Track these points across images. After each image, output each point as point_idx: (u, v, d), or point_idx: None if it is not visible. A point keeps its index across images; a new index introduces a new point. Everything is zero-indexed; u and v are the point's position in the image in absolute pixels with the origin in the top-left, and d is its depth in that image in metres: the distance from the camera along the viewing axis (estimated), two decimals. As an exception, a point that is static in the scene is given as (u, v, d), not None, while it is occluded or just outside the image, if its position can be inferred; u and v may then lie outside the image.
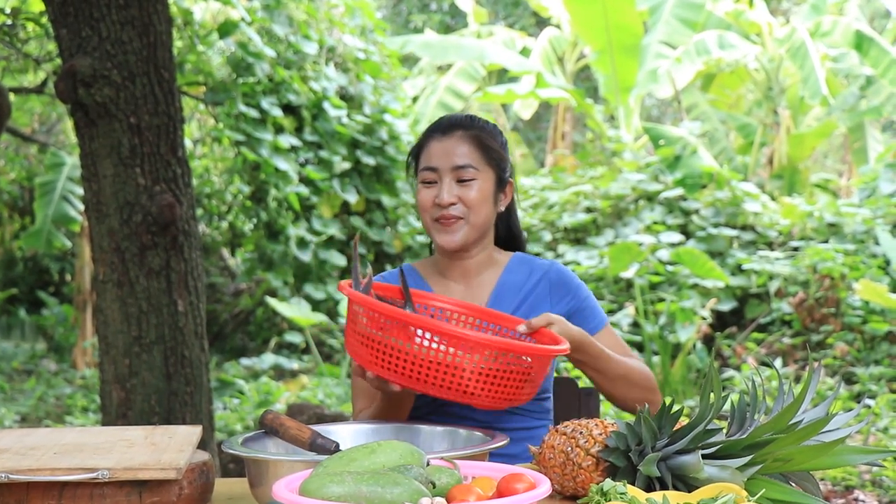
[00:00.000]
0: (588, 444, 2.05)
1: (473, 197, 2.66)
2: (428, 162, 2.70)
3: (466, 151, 2.67)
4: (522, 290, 2.76)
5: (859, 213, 10.58)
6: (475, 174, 2.67)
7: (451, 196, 2.65)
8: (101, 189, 4.76)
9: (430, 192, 2.69)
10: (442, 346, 2.20)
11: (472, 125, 2.73)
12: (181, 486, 2.19)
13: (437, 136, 2.71)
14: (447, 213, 2.66)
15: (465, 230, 2.68)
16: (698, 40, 13.28)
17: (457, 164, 2.66)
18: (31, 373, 11.27)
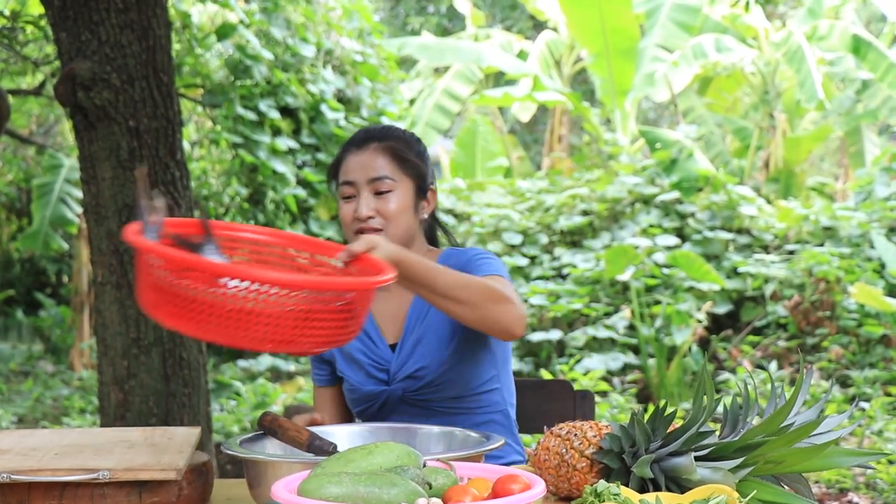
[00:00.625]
0: (582, 445, 2.07)
1: (391, 209, 2.66)
2: (345, 176, 2.70)
3: (382, 163, 2.67)
4: None
5: (855, 217, 10.60)
6: (392, 185, 2.67)
7: (368, 209, 2.65)
8: (100, 192, 4.78)
9: (349, 206, 2.68)
10: (251, 293, 1.95)
11: (387, 136, 2.73)
12: (181, 487, 2.21)
13: (353, 150, 2.71)
14: (366, 227, 2.64)
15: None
16: (695, 44, 13.30)
17: (373, 177, 2.66)
18: (29, 374, 11.27)
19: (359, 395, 2.74)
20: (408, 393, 2.68)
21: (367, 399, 2.73)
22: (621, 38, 13.92)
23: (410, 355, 2.69)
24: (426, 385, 2.67)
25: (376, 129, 2.77)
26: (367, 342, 2.74)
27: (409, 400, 2.69)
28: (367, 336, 2.74)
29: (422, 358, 2.68)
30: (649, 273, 9.98)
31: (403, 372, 2.69)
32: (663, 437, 1.96)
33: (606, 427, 2.09)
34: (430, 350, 2.68)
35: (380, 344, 2.74)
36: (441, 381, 2.67)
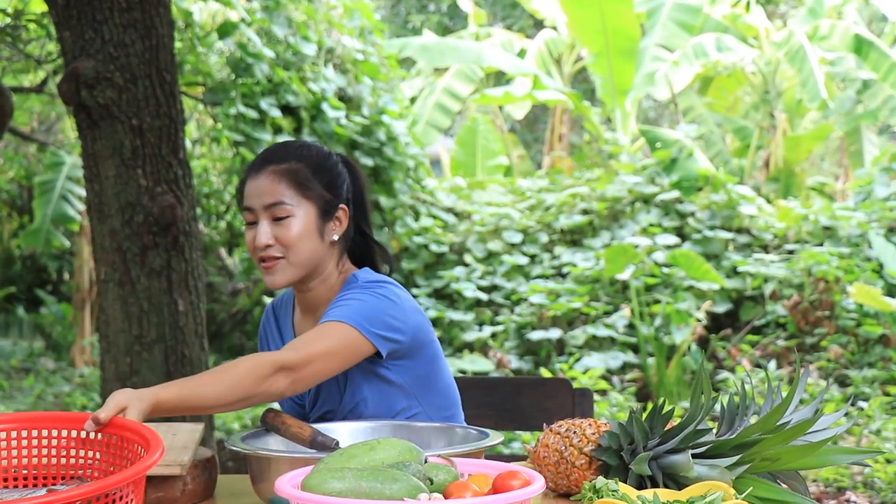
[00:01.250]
0: (581, 443, 2.10)
1: (291, 236, 2.53)
2: (245, 202, 2.58)
3: (278, 190, 2.53)
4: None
5: (854, 217, 10.61)
6: (290, 210, 2.53)
7: (267, 238, 2.52)
8: (103, 190, 4.80)
9: (250, 233, 2.57)
10: None
11: (285, 158, 2.58)
12: (185, 482, 2.24)
13: (252, 175, 2.58)
14: (265, 255, 2.54)
15: (287, 270, 2.55)
16: (696, 43, 13.31)
17: (269, 203, 2.53)
18: (30, 371, 11.29)
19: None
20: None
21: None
22: (622, 38, 13.92)
23: (318, 396, 2.63)
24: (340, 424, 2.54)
25: (276, 150, 2.62)
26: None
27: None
28: None
29: (327, 401, 2.62)
30: (649, 272, 10.00)
31: (315, 412, 2.64)
32: (661, 435, 1.98)
33: (605, 425, 2.12)
34: (331, 394, 2.61)
35: None
36: (352, 419, 2.57)
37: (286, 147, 2.63)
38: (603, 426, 2.12)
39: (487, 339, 10.08)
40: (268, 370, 2.31)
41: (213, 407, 2.29)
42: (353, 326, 2.46)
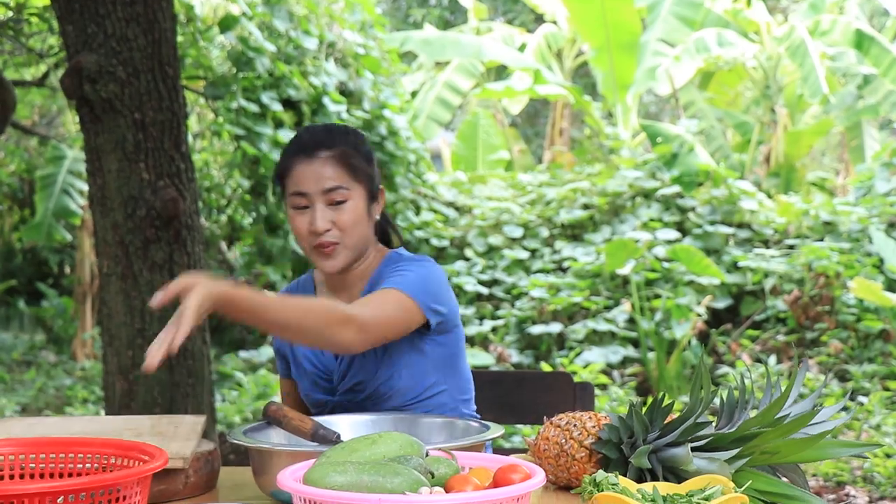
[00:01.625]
0: (581, 436, 2.11)
1: (348, 219, 2.58)
2: (297, 187, 2.59)
3: (335, 174, 2.57)
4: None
5: (855, 212, 10.61)
6: (347, 194, 2.58)
7: (325, 223, 2.56)
8: (106, 183, 4.82)
9: (303, 218, 2.59)
10: None
11: (335, 142, 2.61)
12: (187, 475, 2.25)
13: (303, 159, 2.59)
14: (324, 241, 2.57)
15: (343, 254, 2.60)
16: (697, 38, 13.30)
17: (326, 188, 2.56)
18: (31, 364, 11.31)
19: (310, 401, 2.75)
20: (352, 404, 2.66)
21: (316, 406, 2.74)
22: (623, 32, 13.92)
23: (350, 367, 2.65)
24: (367, 397, 2.64)
25: (321, 134, 2.64)
26: (314, 350, 2.70)
27: (355, 410, 2.63)
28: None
29: (359, 372, 2.63)
30: (649, 267, 10.00)
31: (345, 384, 2.66)
32: (661, 428, 1.99)
33: (605, 418, 2.13)
34: (365, 363, 2.63)
35: (325, 352, 2.68)
36: (380, 393, 2.63)
37: (331, 131, 2.65)
38: (603, 419, 2.13)
39: (488, 334, 10.09)
40: (341, 317, 2.35)
41: (278, 326, 2.33)
42: (410, 296, 2.52)
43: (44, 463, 1.92)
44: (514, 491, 1.62)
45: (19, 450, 1.92)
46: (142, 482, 1.71)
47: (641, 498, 1.80)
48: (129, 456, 1.86)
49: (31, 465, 1.92)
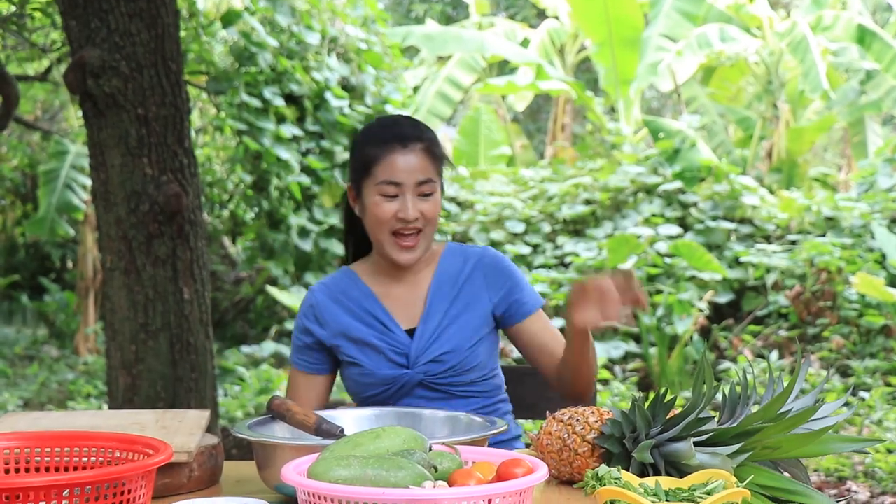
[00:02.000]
0: (584, 430, 2.12)
1: (433, 210, 2.71)
2: (391, 176, 2.69)
3: (427, 167, 2.70)
4: (458, 280, 2.81)
5: (857, 208, 10.61)
6: (434, 187, 2.72)
7: (415, 212, 2.68)
8: (109, 178, 4.82)
9: (391, 205, 2.69)
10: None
11: (424, 136, 2.74)
12: (191, 469, 2.26)
13: (399, 150, 2.69)
14: (408, 228, 2.70)
15: (423, 245, 2.75)
16: (699, 33, 13.30)
17: (421, 180, 2.69)
18: (34, 358, 11.32)
19: (374, 379, 2.78)
20: (429, 376, 2.75)
21: (383, 383, 2.77)
22: (625, 28, 13.93)
23: (433, 340, 2.75)
24: (449, 369, 2.75)
25: (409, 127, 2.76)
26: (379, 328, 2.78)
27: (429, 383, 2.76)
28: (380, 322, 2.79)
29: (447, 342, 2.75)
30: (651, 262, 10.01)
31: (427, 356, 2.75)
32: (663, 423, 2.00)
33: (608, 413, 2.14)
34: (455, 335, 2.75)
35: (395, 329, 2.78)
36: (463, 365, 2.75)
37: (416, 124, 2.78)
38: (605, 414, 2.14)
39: (490, 329, 10.09)
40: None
41: (591, 363, 2.70)
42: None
43: (49, 457, 1.93)
44: (517, 485, 1.63)
45: (24, 443, 1.92)
46: (146, 476, 1.72)
47: (644, 492, 1.80)
48: (133, 450, 1.87)
49: (36, 458, 1.92)
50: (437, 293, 2.79)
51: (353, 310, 2.80)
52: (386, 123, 2.78)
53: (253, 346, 10.77)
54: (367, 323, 2.78)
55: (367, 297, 2.82)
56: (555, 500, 2.15)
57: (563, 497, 2.17)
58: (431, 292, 2.79)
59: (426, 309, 2.77)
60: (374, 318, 2.78)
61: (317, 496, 1.60)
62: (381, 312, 2.79)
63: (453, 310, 2.77)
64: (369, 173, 2.72)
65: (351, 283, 2.85)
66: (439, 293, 2.79)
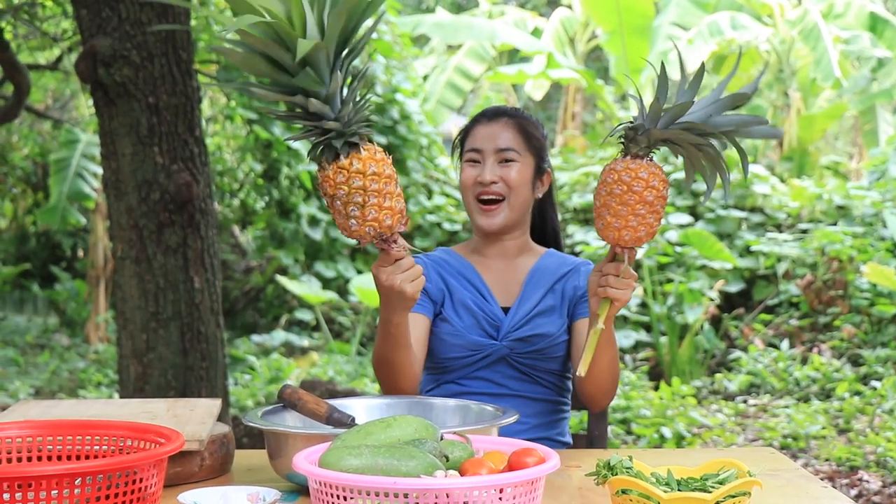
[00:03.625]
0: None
1: (514, 177, 2.80)
2: (473, 144, 2.85)
3: (510, 136, 2.82)
4: (556, 274, 2.88)
5: (868, 196, 10.59)
6: (516, 157, 2.81)
7: (493, 175, 2.79)
8: (120, 167, 4.83)
9: (473, 171, 2.83)
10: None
11: (517, 114, 2.89)
12: (203, 458, 2.26)
13: (484, 122, 2.87)
14: (489, 191, 2.80)
15: (505, 212, 2.82)
16: (711, 21, 13.26)
17: (500, 147, 2.81)
18: (45, 347, 11.34)
19: (462, 341, 2.82)
20: (514, 353, 2.81)
21: (470, 347, 2.82)
22: (636, 16, 13.89)
23: (526, 320, 2.82)
24: (534, 351, 2.81)
25: (507, 107, 2.93)
26: (478, 298, 2.87)
27: (512, 360, 2.82)
28: (479, 293, 2.87)
29: (540, 326, 2.81)
30: (662, 251, 10.00)
31: (517, 334, 2.81)
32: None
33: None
34: (546, 322, 2.82)
35: (492, 301, 2.87)
36: (548, 352, 2.82)
37: (516, 108, 2.94)
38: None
39: (500, 317, 10.09)
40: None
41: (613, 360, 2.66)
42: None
43: (60, 445, 1.94)
44: (529, 475, 1.63)
45: (36, 432, 1.93)
46: (158, 465, 1.73)
47: (656, 481, 1.81)
48: (145, 439, 1.88)
49: (49, 447, 1.93)
50: (534, 281, 2.88)
51: (455, 275, 2.91)
52: (489, 106, 2.97)
53: (263, 335, 10.79)
54: (468, 289, 2.88)
55: (466, 267, 2.92)
56: (567, 488, 2.16)
57: (576, 486, 2.18)
58: (529, 277, 2.89)
59: (522, 291, 2.86)
60: (473, 286, 2.88)
61: (328, 485, 1.61)
62: (480, 283, 2.89)
63: (548, 299, 2.85)
64: (463, 147, 2.92)
65: (453, 258, 2.95)
66: (536, 281, 2.88)
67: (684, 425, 7.02)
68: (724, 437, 6.86)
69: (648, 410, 7.33)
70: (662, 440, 6.77)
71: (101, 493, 1.63)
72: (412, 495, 1.56)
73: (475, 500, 1.58)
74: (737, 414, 7.69)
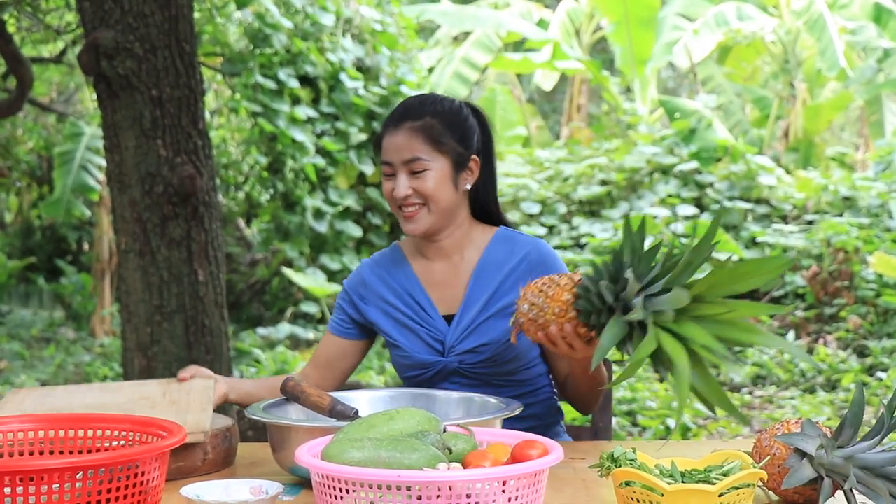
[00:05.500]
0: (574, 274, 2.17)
1: (428, 187, 2.68)
2: (384, 155, 2.73)
3: (416, 146, 2.69)
4: (503, 269, 2.76)
5: (874, 187, 10.57)
6: (427, 164, 2.69)
7: (405, 189, 2.68)
8: (124, 160, 4.82)
9: (389, 183, 2.73)
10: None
11: (423, 113, 2.73)
12: (206, 451, 2.26)
13: (390, 130, 2.73)
14: (406, 203, 2.70)
15: (427, 217, 2.71)
16: (717, 12, 13.25)
17: (407, 158, 2.68)
18: (50, 340, 11.36)
19: (411, 361, 2.76)
20: (464, 365, 2.72)
21: (419, 366, 2.75)
22: (641, 7, 13.86)
23: (471, 330, 2.72)
24: (485, 360, 2.70)
25: (412, 106, 2.77)
26: (419, 312, 2.78)
27: (464, 372, 2.73)
28: (419, 306, 2.78)
29: (485, 334, 2.71)
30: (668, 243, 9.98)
31: (463, 346, 2.72)
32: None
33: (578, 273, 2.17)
34: (493, 327, 2.71)
35: (433, 315, 2.77)
36: (500, 357, 2.70)
37: (422, 103, 2.77)
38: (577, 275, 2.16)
39: (506, 310, 10.08)
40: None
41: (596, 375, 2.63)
42: None
43: (62, 439, 1.93)
44: (532, 467, 1.62)
45: (38, 426, 1.93)
46: (160, 458, 1.72)
47: (660, 473, 1.80)
48: (147, 432, 1.87)
49: (51, 441, 1.93)
50: (479, 281, 2.76)
51: (397, 289, 2.81)
52: (400, 103, 2.82)
53: (269, 327, 10.79)
54: (408, 304, 2.78)
55: (408, 277, 2.82)
56: (570, 480, 2.15)
57: (579, 477, 2.17)
58: (473, 279, 2.77)
59: (466, 296, 2.75)
60: (414, 300, 2.78)
61: (330, 478, 1.60)
62: (420, 295, 2.79)
63: (494, 300, 2.72)
64: (379, 154, 2.78)
65: (396, 262, 2.87)
66: (481, 281, 2.76)
67: (690, 417, 7.01)
68: (729, 428, 6.86)
69: (654, 402, 7.33)
70: (668, 431, 6.77)
71: (102, 487, 1.63)
72: (415, 488, 1.55)
73: (478, 492, 1.57)
74: (742, 405, 7.68)
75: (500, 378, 2.73)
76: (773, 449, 1.98)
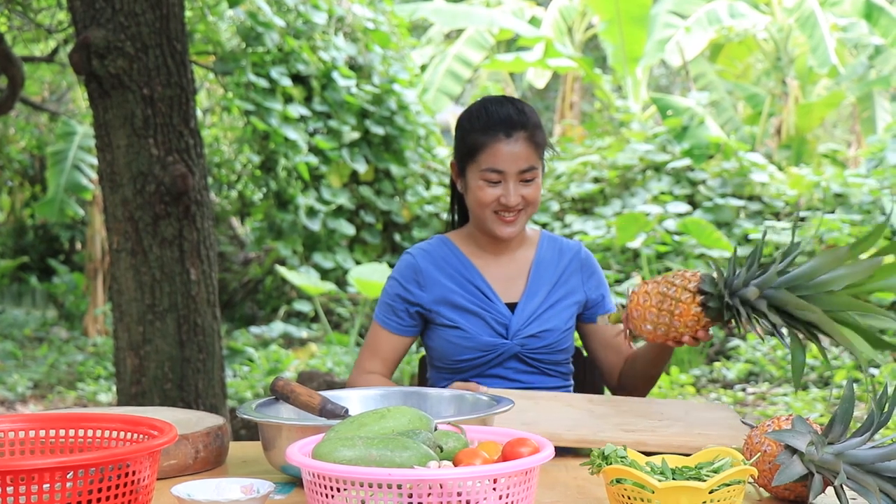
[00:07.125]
0: (684, 281, 2.32)
1: (536, 195, 2.82)
2: (494, 164, 2.78)
3: (529, 154, 2.79)
4: (558, 266, 2.95)
5: (866, 184, 10.58)
6: (537, 173, 2.81)
7: (517, 198, 2.78)
8: (115, 159, 4.81)
9: (493, 190, 2.79)
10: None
11: (528, 123, 2.81)
12: (197, 450, 2.26)
13: (503, 139, 2.78)
14: (511, 209, 2.80)
15: (523, 221, 2.85)
16: (709, 9, 13.25)
17: (523, 168, 2.78)
18: (43, 340, 11.34)
19: (474, 343, 2.86)
20: (525, 350, 2.87)
21: (481, 348, 2.86)
22: (633, 5, 13.87)
23: (535, 317, 2.89)
24: (545, 346, 2.88)
25: (516, 114, 2.82)
26: (481, 299, 2.89)
27: (523, 356, 2.88)
28: (481, 293, 2.90)
29: (547, 321, 2.88)
30: (660, 240, 9.99)
31: (527, 330, 2.87)
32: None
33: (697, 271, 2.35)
34: (555, 316, 2.90)
35: (497, 302, 2.89)
36: (557, 344, 2.89)
37: (523, 111, 2.84)
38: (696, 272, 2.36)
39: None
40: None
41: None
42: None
43: (53, 439, 1.93)
44: (523, 465, 1.62)
45: (29, 426, 1.92)
46: (151, 457, 1.72)
47: (650, 470, 1.80)
48: (137, 431, 1.87)
49: (41, 440, 1.92)
50: (538, 275, 2.93)
51: (455, 276, 2.92)
52: (492, 109, 2.84)
53: (262, 326, 10.79)
54: (469, 291, 2.89)
55: (466, 267, 2.93)
56: (561, 478, 2.15)
57: (571, 476, 2.17)
58: (533, 272, 2.93)
59: (528, 286, 2.91)
60: (475, 287, 2.90)
61: (321, 476, 1.60)
62: (481, 282, 2.90)
63: (554, 293, 2.91)
64: (474, 159, 2.82)
65: (449, 252, 2.95)
66: (540, 275, 2.93)
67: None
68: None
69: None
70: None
71: (93, 487, 1.62)
72: (406, 486, 1.55)
73: (469, 490, 1.57)
74: (735, 402, 7.69)
75: (550, 366, 2.90)
76: (763, 446, 1.99)
